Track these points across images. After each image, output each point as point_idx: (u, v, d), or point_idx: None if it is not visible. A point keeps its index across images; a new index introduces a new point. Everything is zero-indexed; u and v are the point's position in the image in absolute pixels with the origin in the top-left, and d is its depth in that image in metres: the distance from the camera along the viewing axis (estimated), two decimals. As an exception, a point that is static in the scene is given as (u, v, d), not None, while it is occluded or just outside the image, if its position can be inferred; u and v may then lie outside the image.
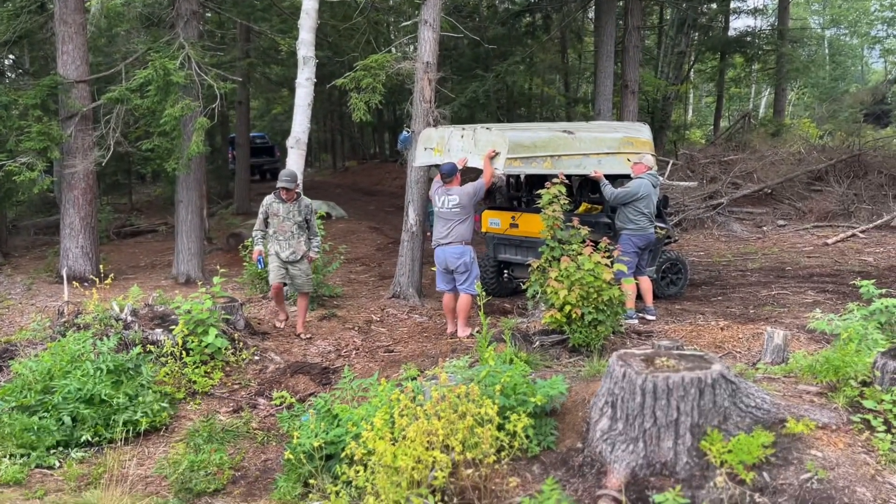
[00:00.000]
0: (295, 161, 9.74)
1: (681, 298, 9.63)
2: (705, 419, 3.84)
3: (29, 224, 17.57)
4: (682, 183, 15.95)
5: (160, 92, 10.15)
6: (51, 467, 5.06)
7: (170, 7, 11.87)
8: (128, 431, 5.46)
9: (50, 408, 5.49)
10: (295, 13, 14.38)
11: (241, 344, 7.26)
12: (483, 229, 9.76)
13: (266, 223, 8.00)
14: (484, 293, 6.29)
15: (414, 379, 5.68)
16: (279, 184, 7.89)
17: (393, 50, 12.11)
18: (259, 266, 8.17)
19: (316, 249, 8.22)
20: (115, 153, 11.66)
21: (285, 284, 8.16)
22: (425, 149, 8.86)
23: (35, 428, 5.29)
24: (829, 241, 13.73)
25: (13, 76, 16.93)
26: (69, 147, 11.38)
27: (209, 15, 16.71)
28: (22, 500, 4.53)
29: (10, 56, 15.77)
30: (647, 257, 8.48)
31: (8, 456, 5.04)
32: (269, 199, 7.99)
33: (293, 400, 6.18)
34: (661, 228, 8.95)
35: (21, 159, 10.52)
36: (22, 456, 5.09)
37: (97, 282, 8.08)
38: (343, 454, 4.26)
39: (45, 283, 11.86)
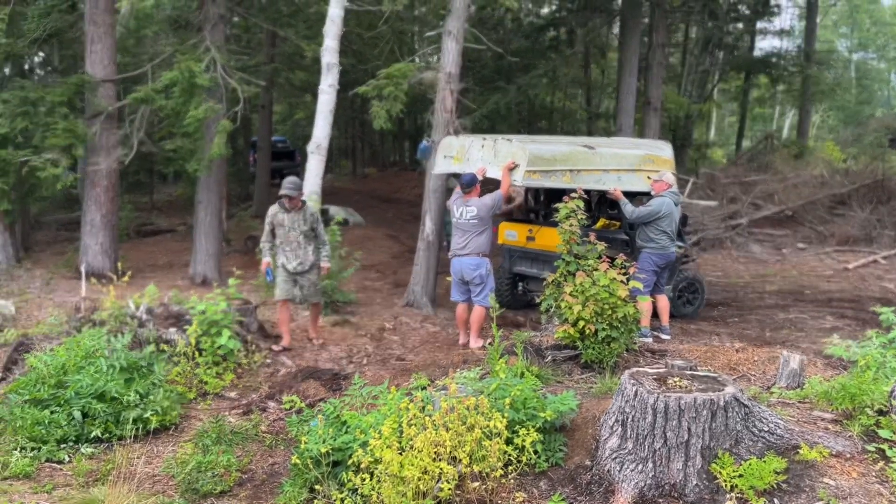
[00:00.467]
0: (315, 166, 9.80)
1: (697, 318, 9.54)
2: (717, 442, 3.79)
3: (51, 220, 17.80)
4: (701, 202, 15.86)
5: (185, 94, 10.27)
6: (60, 462, 5.09)
7: (198, 10, 12.01)
8: (137, 429, 5.48)
9: (62, 402, 5.51)
10: (321, 19, 14.48)
11: (254, 346, 7.29)
12: (499, 241, 9.75)
13: (273, 234, 7.76)
14: (498, 305, 6.26)
15: (424, 388, 5.66)
16: (282, 191, 7.62)
17: (416, 59, 12.17)
18: (267, 278, 7.89)
19: (326, 257, 7.96)
20: (138, 153, 11.79)
21: (294, 301, 7.91)
22: (445, 157, 8.89)
23: (46, 422, 5.32)
24: (850, 266, 13.57)
25: (42, 73, 17.18)
26: (93, 145, 11.52)
27: (236, 19, 16.89)
28: (30, 493, 4.56)
29: (40, 53, 16.03)
30: (665, 276, 8.42)
31: (19, 449, 5.08)
32: (273, 209, 7.77)
33: (303, 404, 6.15)
34: (680, 247, 8.89)
35: (46, 155, 10.66)
36: (32, 449, 5.13)
37: (115, 279, 8.16)
38: (350, 461, 4.25)
39: (64, 279, 11.98)
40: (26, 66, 15.93)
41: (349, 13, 10.60)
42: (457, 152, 8.69)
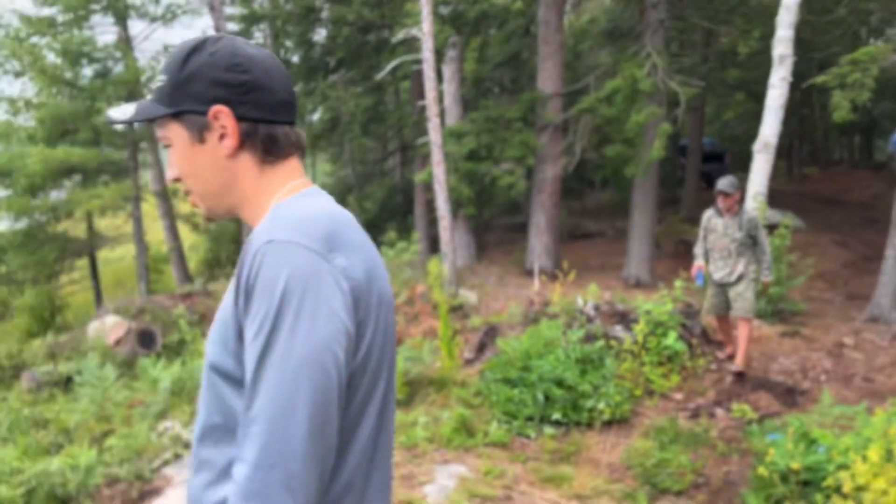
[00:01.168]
0: (762, 166, 9.21)
1: None
2: None
3: (497, 224, 20.06)
4: None
5: (627, 100, 10.61)
6: (528, 436, 5.67)
7: (637, 18, 12.31)
8: (592, 418, 5.81)
9: (527, 384, 6.13)
10: (760, 13, 13.63)
11: (699, 350, 7.15)
12: None
13: (706, 239, 7.13)
14: None
15: (910, 416, 4.90)
16: (717, 186, 6.88)
17: (882, 42, 10.63)
18: (698, 282, 7.23)
19: (767, 270, 6.95)
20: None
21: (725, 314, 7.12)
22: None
23: (515, 400, 5.99)
24: None
25: (497, 93, 19.48)
26: (541, 155, 12.63)
27: (671, 22, 16.87)
28: (507, 461, 5.17)
29: (496, 76, 18.17)
30: None
31: (495, 421, 5.80)
32: (708, 213, 7.15)
33: (754, 415, 5.88)
34: None
35: (503, 166, 12.04)
36: (505, 422, 5.81)
37: (558, 277, 8.80)
38: (825, 483, 3.89)
39: (512, 275, 13.36)
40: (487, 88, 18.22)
41: (802, -1, 9.71)
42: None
